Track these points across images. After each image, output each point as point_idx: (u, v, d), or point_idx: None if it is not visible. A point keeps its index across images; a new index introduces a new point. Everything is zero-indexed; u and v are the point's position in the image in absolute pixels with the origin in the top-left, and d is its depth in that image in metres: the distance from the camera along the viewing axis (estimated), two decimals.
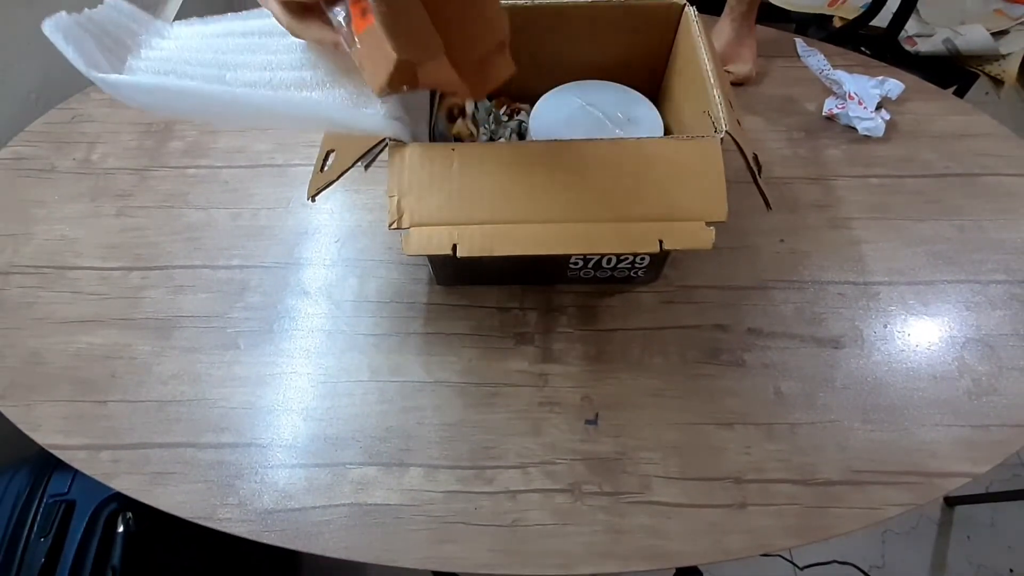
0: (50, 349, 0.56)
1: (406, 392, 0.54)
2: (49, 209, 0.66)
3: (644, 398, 0.53)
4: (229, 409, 0.53)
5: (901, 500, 0.48)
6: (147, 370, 0.55)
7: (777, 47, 0.78)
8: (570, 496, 0.49)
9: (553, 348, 0.56)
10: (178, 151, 0.70)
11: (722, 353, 0.55)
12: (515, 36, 0.57)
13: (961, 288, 0.59)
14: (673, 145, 0.46)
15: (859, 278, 0.59)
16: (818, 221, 0.63)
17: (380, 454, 0.51)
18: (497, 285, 0.59)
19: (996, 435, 0.51)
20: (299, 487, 0.49)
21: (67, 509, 0.68)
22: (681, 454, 0.50)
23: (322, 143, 0.50)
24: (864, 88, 0.70)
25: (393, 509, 0.48)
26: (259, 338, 0.57)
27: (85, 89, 0.76)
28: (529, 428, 0.52)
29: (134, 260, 0.62)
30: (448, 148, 0.45)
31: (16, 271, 0.61)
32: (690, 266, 0.60)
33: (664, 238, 0.44)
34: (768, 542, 0.47)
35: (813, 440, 0.51)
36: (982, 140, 0.68)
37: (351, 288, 0.60)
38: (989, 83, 0.95)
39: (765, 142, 0.69)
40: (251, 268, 0.61)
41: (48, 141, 0.72)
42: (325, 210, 0.65)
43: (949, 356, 0.55)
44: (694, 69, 0.52)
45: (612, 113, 0.60)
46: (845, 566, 1.06)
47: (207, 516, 0.48)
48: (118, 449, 0.51)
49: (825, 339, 0.56)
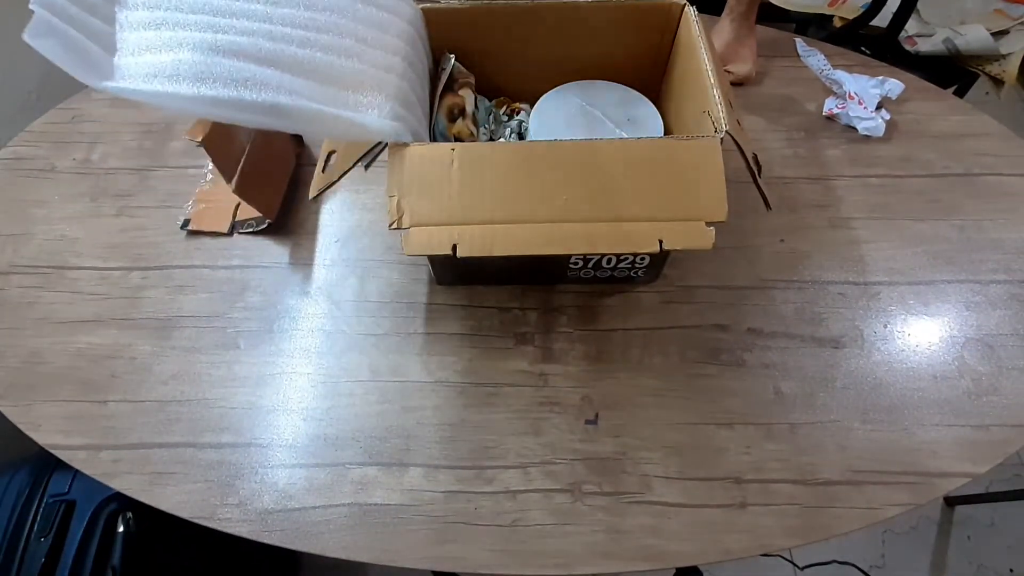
0: (50, 349, 0.56)
1: (406, 392, 0.54)
2: (49, 209, 0.66)
3: (644, 398, 0.53)
4: (229, 409, 0.53)
5: (901, 500, 0.48)
6: (147, 370, 0.55)
7: (777, 47, 0.78)
8: (570, 496, 0.49)
9: (553, 348, 0.56)
10: (178, 151, 0.70)
11: (722, 353, 0.55)
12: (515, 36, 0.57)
13: (961, 288, 0.59)
14: (673, 145, 0.46)
15: (859, 278, 0.59)
16: (818, 221, 0.63)
17: (380, 454, 0.51)
18: (497, 285, 0.59)
19: (996, 435, 0.51)
20: (299, 487, 0.49)
21: (67, 509, 0.68)
22: (681, 454, 0.50)
23: (323, 144, 0.50)
24: (864, 88, 0.70)
25: (393, 509, 0.48)
26: (259, 338, 0.57)
27: (85, 89, 0.76)
28: (529, 428, 0.52)
29: (134, 260, 0.62)
30: (448, 148, 0.45)
31: (16, 271, 0.61)
32: (690, 266, 0.60)
33: (664, 238, 0.44)
34: (768, 542, 0.47)
35: (813, 440, 0.51)
36: (982, 140, 0.68)
37: (351, 288, 0.60)
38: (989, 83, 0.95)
39: (765, 142, 0.69)
40: (251, 268, 0.61)
41: (48, 141, 0.72)
42: (325, 210, 0.65)
43: (949, 356, 0.55)
44: (694, 69, 0.52)
45: (612, 113, 0.60)
46: (845, 566, 1.06)
47: (207, 516, 0.48)
48: (118, 449, 0.51)
49: (825, 339, 0.56)
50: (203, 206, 0.65)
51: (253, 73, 0.41)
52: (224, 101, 0.40)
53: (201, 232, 0.63)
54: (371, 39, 0.49)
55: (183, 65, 0.40)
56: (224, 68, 0.40)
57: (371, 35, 0.49)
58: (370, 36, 0.49)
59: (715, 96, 0.47)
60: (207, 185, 0.67)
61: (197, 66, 0.40)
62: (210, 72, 0.40)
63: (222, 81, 0.40)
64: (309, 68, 0.44)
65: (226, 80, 0.40)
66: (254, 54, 0.42)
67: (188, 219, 0.64)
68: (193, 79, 0.39)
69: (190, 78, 0.39)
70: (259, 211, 0.62)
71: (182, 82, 0.39)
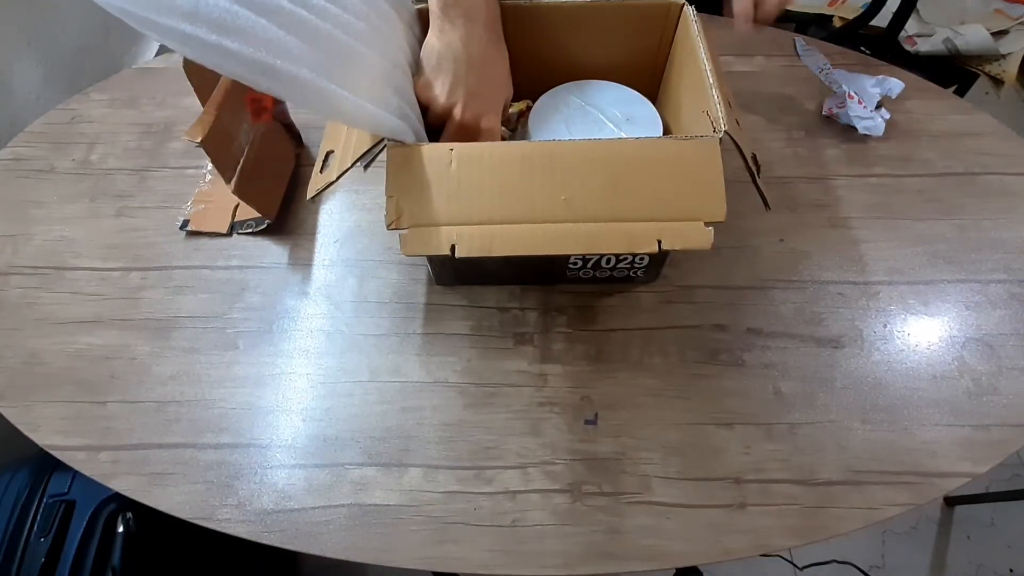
0: (49, 349, 0.56)
1: (406, 392, 0.54)
2: (48, 209, 0.66)
3: (644, 398, 0.53)
4: (228, 409, 0.53)
5: (901, 500, 0.48)
6: (146, 370, 0.55)
7: (777, 47, 0.78)
8: (570, 496, 0.49)
9: (552, 348, 0.56)
10: (178, 151, 0.70)
11: (721, 353, 0.55)
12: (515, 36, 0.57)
13: (961, 288, 0.59)
14: (672, 145, 0.46)
15: (859, 278, 0.59)
16: (818, 221, 0.63)
17: (380, 454, 0.51)
18: (496, 285, 0.59)
19: (996, 435, 0.51)
20: (298, 487, 0.49)
21: (67, 509, 0.68)
22: (681, 454, 0.50)
23: (322, 144, 0.50)
24: (864, 87, 0.70)
25: (393, 509, 0.48)
26: (258, 338, 0.57)
27: (85, 89, 0.76)
28: (529, 428, 0.52)
29: (133, 260, 0.62)
30: (447, 148, 0.45)
31: (15, 271, 0.61)
32: (689, 266, 0.60)
33: (663, 238, 0.44)
34: (768, 542, 0.47)
35: (813, 440, 0.51)
36: (982, 139, 0.68)
37: (350, 288, 0.60)
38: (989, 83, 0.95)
39: (765, 142, 0.69)
40: (250, 268, 0.61)
41: (47, 141, 0.72)
42: (324, 210, 0.65)
43: (949, 356, 0.55)
44: (694, 69, 0.52)
45: (612, 113, 0.60)
46: (845, 566, 1.06)
47: (206, 517, 0.48)
48: (117, 450, 0.51)
49: (825, 339, 0.56)
50: (202, 206, 0.65)
51: (245, 21, 0.37)
52: (209, 45, 0.36)
53: (200, 232, 0.63)
54: (384, 30, 0.48)
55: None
56: (212, 7, 0.36)
57: (384, 26, 0.48)
58: (383, 27, 0.48)
59: (714, 96, 0.47)
60: (206, 185, 0.67)
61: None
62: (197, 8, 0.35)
63: (207, 24, 0.35)
64: (314, 35, 0.41)
65: (211, 23, 0.35)
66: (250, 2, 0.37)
67: (187, 219, 0.64)
68: (181, 16, 0.35)
69: (176, 13, 0.35)
70: (258, 211, 0.63)
71: (171, 15, 0.35)
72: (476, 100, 0.52)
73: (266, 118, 0.64)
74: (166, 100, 0.75)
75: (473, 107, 0.52)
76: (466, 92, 0.52)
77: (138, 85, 0.76)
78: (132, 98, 0.75)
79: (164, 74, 0.78)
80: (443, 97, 0.52)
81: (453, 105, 0.52)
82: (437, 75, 0.52)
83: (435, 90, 0.52)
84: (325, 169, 0.48)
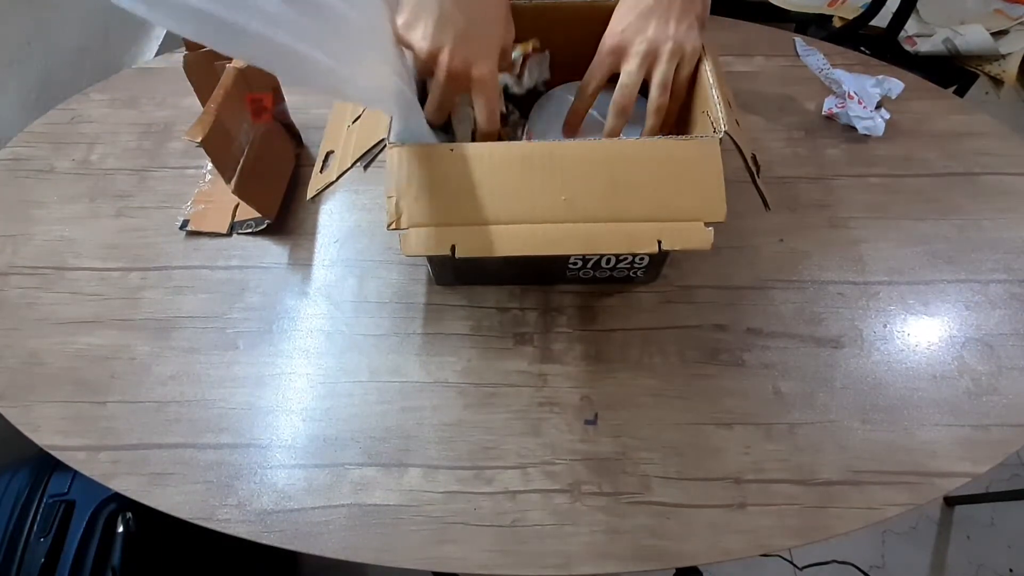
0: (49, 350, 0.56)
1: (405, 392, 0.54)
2: (48, 210, 0.66)
3: (643, 398, 0.53)
4: (228, 410, 0.53)
5: (901, 500, 0.48)
6: (146, 371, 0.55)
7: (777, 47, 0.78)
8: (569, 496, 0.49)
9: (552, 348, 0.56)
10: (178, 151, 0.70)
11: (721, 353, 0.55)
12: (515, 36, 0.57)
13: (961, 288, 0.59)
14: (672, 145, 0.46)
15: (859, 278, 0.59)
16: (818, 221, 0.63)
17: (379, 454, 0.51)
18: (496, 285, 0.59)
19: (996, 435, 0.51)
20: (298, 488, 0.49)
21: (67, 509, 0.68)
22: (680, 454, 0.50)
23: (322, 144, 0.50)
24: (864, 87, 0.70)
25: (393, 509, 0.48)
26: (258, 338, 0.57)
27: (85, 90, 0.76)
28: (528, 428, 0.52)
29: (133, 260, 0.62)
30: (447, 148, 0.45)
31: (15, 272, 0.61)
32: (689, 266, 0.60)
33: (663, 238, 0.44)
34: (768, 542, 0.47)
35: (812, 440, 0.51)
36: (982, 139, 0.68)
37: (350, 288, 0.60)
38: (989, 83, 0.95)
39: (765, 142, 0.69)
40: (250, 268, 0.61)
41: (47, 142, 0.72)
42: (324, 210, 0.65)
43: (949, 356, 0.55)
44: None
45: None
46: (845, 566, 1.06)
47: (206, 517, 0.48)
48: (117, 450, 0.51)
49: (825, 339, 0.56)
50: (202, 206, 0.65)
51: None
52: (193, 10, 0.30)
53: (200, 232, 0.63)
54: (389, 17, 0.46)
55: None
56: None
57: (389, 15, 0.46)
58: (389, 15, 0.46)
59: (714, 96, 0.47)
60: (206, 185, 0.67)
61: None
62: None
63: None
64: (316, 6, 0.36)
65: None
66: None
67: (187, 219, 0.64)
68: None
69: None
70: (258, 211, 0.63)
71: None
72: (466, 43, 0.45)
73: (266, 118, 0.64)
74: (166, 100, 0.75)
75: (462, 52, 0.45)
76: (455, 33, 0.44)
77: (138, 85, 0.76)
78: (132, 98, 0.75)
79: (164, 74, 0.78)
80: (427, 41, 0.45)
81: (439, 51, 0.45)
82: (419, 13, 0.45)
83: (417, 31, 0.45)
84: (325, 169, 0.48)
